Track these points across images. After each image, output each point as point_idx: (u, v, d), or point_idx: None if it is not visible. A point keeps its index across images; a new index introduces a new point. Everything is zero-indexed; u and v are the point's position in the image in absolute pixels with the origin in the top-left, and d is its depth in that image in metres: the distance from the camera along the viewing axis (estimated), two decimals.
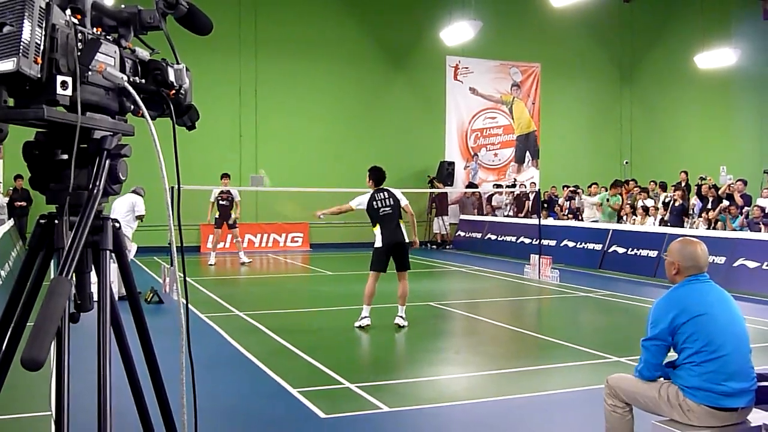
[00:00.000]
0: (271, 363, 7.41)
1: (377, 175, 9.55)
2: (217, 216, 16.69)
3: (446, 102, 23.62)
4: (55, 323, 1.73)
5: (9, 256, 12.91)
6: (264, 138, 21.31)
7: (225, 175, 16.81)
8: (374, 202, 9.38)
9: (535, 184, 22.33)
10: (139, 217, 11.92)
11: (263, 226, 20.98)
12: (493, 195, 23.18)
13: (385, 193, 9.42)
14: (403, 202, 9.45)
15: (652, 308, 4.19)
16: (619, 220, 18.26)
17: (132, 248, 11.82)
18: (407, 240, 9.42)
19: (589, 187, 19.59)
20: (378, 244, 9.33)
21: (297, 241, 21.42)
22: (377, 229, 9.35)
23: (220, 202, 16.60)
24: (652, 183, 19.02)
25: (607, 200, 18.42)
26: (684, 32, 26.13)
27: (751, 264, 12.92)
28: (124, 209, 11.59)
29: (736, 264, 13.12)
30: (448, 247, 22.29)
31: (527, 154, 24.99)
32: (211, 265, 16.81)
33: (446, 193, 22.39)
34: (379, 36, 22.80)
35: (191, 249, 19.63)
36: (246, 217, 18.05)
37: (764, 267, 12.67)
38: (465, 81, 23.92)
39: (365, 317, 9.36)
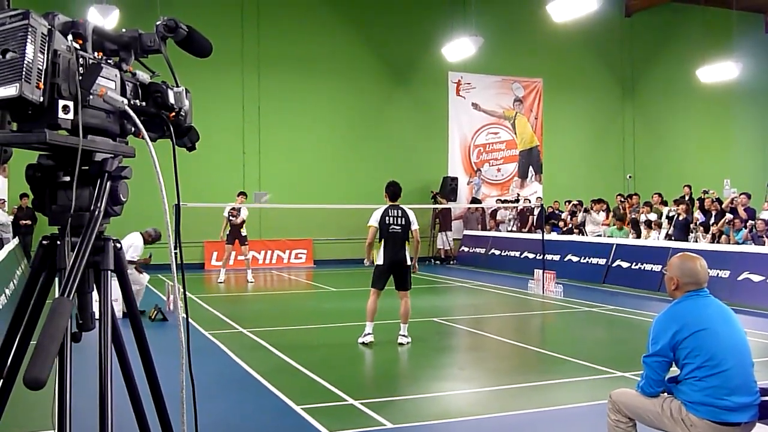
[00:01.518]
0: (275, 380, 7.41)
1: (392, 190, 9.51)
2: (228, 232, 16.64)
3: (449, 117, 23.68)
4: (57, 343, 1.75)
5: (14, 274, 12.94)
6: (267, 154, 21.37)
7: (241, 193, 16.83)
8: (386, 218, 9.31)
9: (540, 198, 22.33)
10: (130, 262, 10.78)
11: (267, 243, 21.01)
12: (497, 210, 23.19)
13: (399, 212, 9.35)
14: (414, 226, 9.36)
15: (653, 324, 4.19)
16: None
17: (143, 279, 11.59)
18: (409, 262, 9.37)
19: (596, 203, 19.56)
20: (379, 261, 9.35)
21: (301, 258, 21.44)
22: (381, 246, 9.35)
23: (231, 218, 16.59)
24: (655, 195, 18.94)
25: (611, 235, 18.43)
26: (685, 46, 26.20)
27: (756, 278, 12.89)
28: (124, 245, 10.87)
29: (740, 278, 13.09)
30: (452, 262, 22.29)
31: (530, 168, 25.02)
32: (220, 282, 16.76)
33: (450, 208, 22.41)
34: (381, 52, 22.91)
35: (196, 266, 19.66)
36: (250, 234, 18.06)
37: None
38: (467, 96, 24.00)
39: (368, 334, 9.37)
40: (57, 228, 2.17)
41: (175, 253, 2.30)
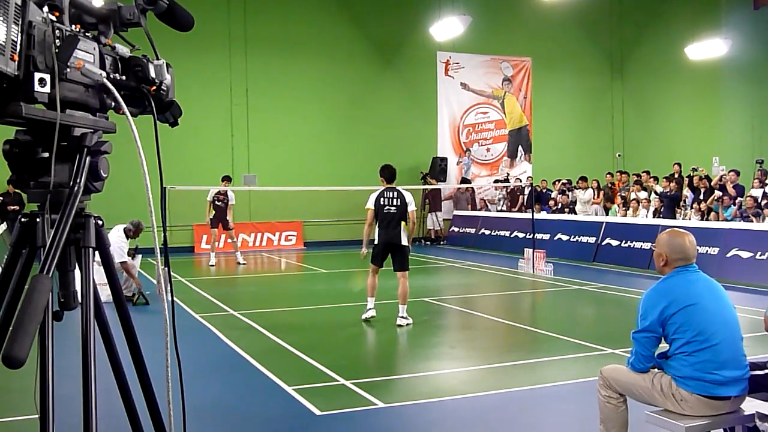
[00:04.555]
0: (266, 361, 7.41)
1: (388, 174, 9.73)
2: (212, 217, 16.56)
3: (438, 98, 23.59)
4: (36, 321, 1.71)
5: (2, 259, 12.86)
6: (255, 136, 21.25)
7: (226, 178, 16.66)
8: (381, 199, 9.52)
9: (531, 178, 22.32)
10: (122, 263, 10.64)
11: (257, 225, 20.94)
12: (487, 190, 23.23)
13: (395, 193, 9.54)
14: (410, 207, 9.50)
15: (642, 300, 4.20)
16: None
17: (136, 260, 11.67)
18: (404, 243, 9.50)
19: (579, 180, 19.59)
20: (376, 240, 9.57)
21: (291, 240, 21.39)
22: (376, 226, 9.55)
23: (216, 202, 16.46)
24: (644, 173, 18.98)
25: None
26: (674, 23, 26.16)
27: (744, 254, 12.95)
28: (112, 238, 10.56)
29: (729, 254, 13.15)
30: (442, 242, 22.30)
31: (519, 148, 24.98)
32: (211, 265, 16.70)
33: (439, 189, 22.39)
34: (369, 32, 22.76)
35: (186, 249, 19.60)
36: (239, 217, 18.00)
37: (757, 257, 12.70)
38: (456, 76, 23.90)
39: (369, 309, 9.62)
40: (36, 205, 2.12)
41: (163, 237, 2.26)
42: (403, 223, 9.47)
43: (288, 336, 8.69)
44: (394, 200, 9.47)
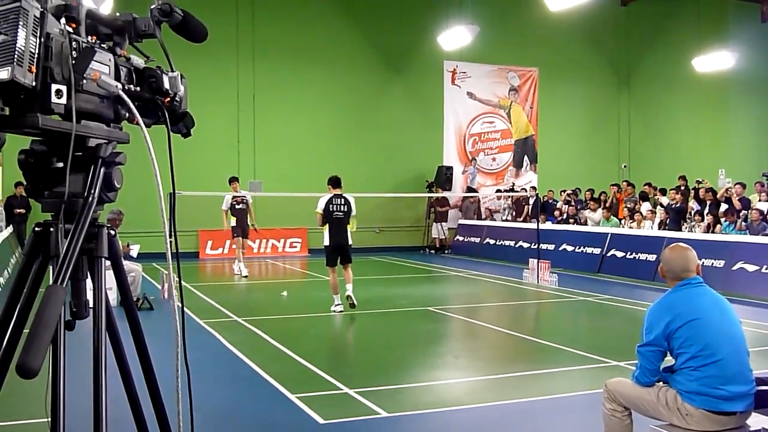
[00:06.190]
0: (270, 368, 7.41)
1: (334, 180, 11.18)
2: (234, 224, 15.89)
3: (444, 106, 23.62)
4: (50, 331, 1.73)
5: (8, 263, 12.90)
6: (262, 143, 21.30)
7: (235, 179, 16.22)
8: (331, 205, 10.88)
9: (535, 188, 22.32)
10: None
11: (262, 232, 20.86)
12: (492, 199, 23.23)
13: (342, 200, 10.95)
14: (353, 213, 11.04)
15: (647, 314, 4.20)
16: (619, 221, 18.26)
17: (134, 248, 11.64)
18: (350, 242, 11.04)
19: (590, 201, 19.42)
20: (326, 242, 11.02)
21: (295, 247, 21.41)
22: (326, 229, 10.89)
23: (237, 206, 15.89)
24: (647, 185, 18.93)
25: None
26: (681, 36, 26.16)
27: (751, 267, 12.91)
28: None
29: (735, 267, 13.12)
30: (446, 251, 22.29)
31: (525, 158, 24.99)
32: (245, 276, 16.02)
33: (445, 197, 22.39)
34: (376, 41, 22.82)
35: (190, 255, 19.62)
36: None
37: (763, 270, 12.66)
38: (463, 85, 23.93)
39: (338, 304, 10.87)
40: (50, 215, 2.14)
41: (170, 242, 2.28)
42: (348, 225, 10.89)
43: (291, 343, 8.69)
44: (342, 206, 10.89)
